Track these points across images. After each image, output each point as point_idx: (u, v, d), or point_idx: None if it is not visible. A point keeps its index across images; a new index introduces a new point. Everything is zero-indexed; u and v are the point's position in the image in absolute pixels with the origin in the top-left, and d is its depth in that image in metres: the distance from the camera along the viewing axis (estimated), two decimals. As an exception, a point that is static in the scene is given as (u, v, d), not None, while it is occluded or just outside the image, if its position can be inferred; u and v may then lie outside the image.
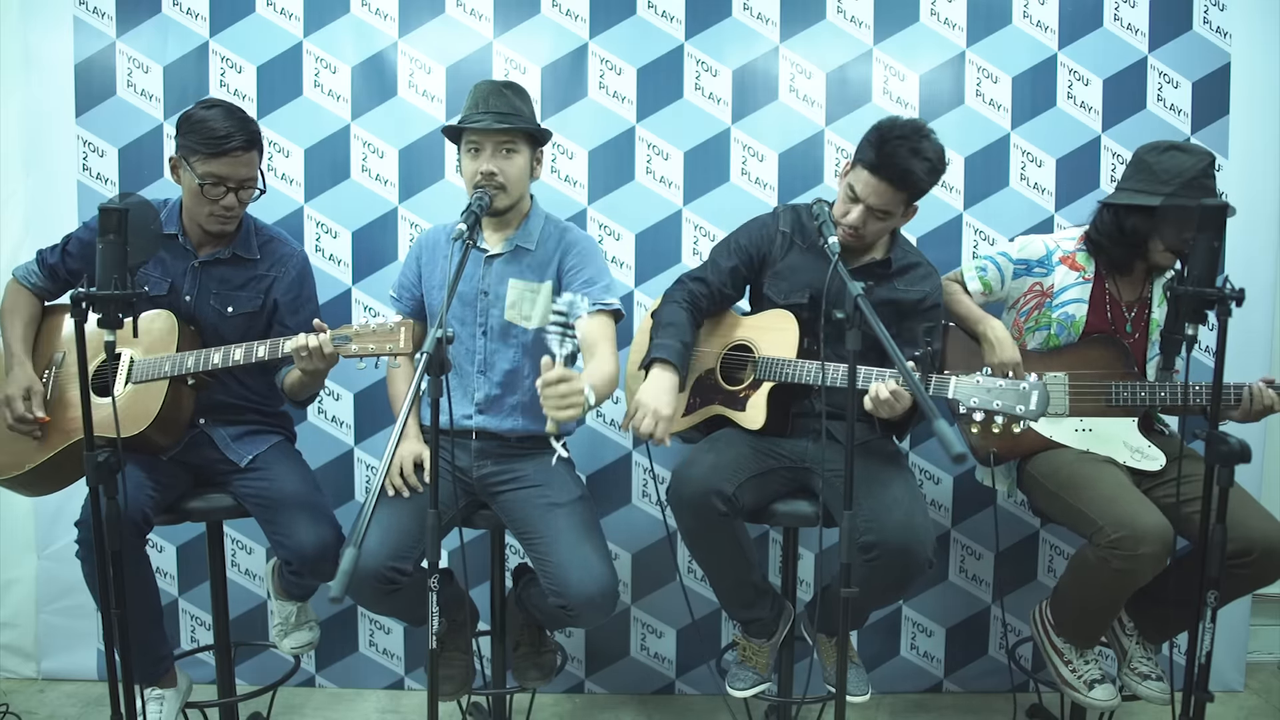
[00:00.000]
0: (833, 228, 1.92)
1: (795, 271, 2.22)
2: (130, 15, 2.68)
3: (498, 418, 2.20)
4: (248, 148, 2.05)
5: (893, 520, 1.94)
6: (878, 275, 2.16)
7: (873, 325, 1.61)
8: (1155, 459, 2.14)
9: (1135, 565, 1.90)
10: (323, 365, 1.96)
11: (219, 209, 2.08)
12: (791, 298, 2.20)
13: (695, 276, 2.28)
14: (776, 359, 2.13)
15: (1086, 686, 2.10)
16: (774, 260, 2.25)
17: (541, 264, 2.21)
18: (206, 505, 2.19)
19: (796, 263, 2.22)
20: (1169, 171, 2.08)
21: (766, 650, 2.25)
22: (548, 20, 2.71)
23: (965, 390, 1.77)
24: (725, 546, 2.07)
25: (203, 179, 2.03)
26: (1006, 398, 1.72)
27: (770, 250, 2.26)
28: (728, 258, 2.27)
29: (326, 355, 1.93)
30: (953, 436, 1.39)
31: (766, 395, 2.14)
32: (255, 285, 2.21)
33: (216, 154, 2.01)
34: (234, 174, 2.05)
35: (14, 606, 2.84)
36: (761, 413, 2.14)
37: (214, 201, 2.06)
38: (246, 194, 2.10)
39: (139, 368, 2.06)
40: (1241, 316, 1.82)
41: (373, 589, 1.99)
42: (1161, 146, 2.13)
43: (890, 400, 1.85)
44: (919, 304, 2.17)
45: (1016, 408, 1.70)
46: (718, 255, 2.29)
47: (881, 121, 2.05)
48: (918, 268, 2.22)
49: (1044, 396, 1.69)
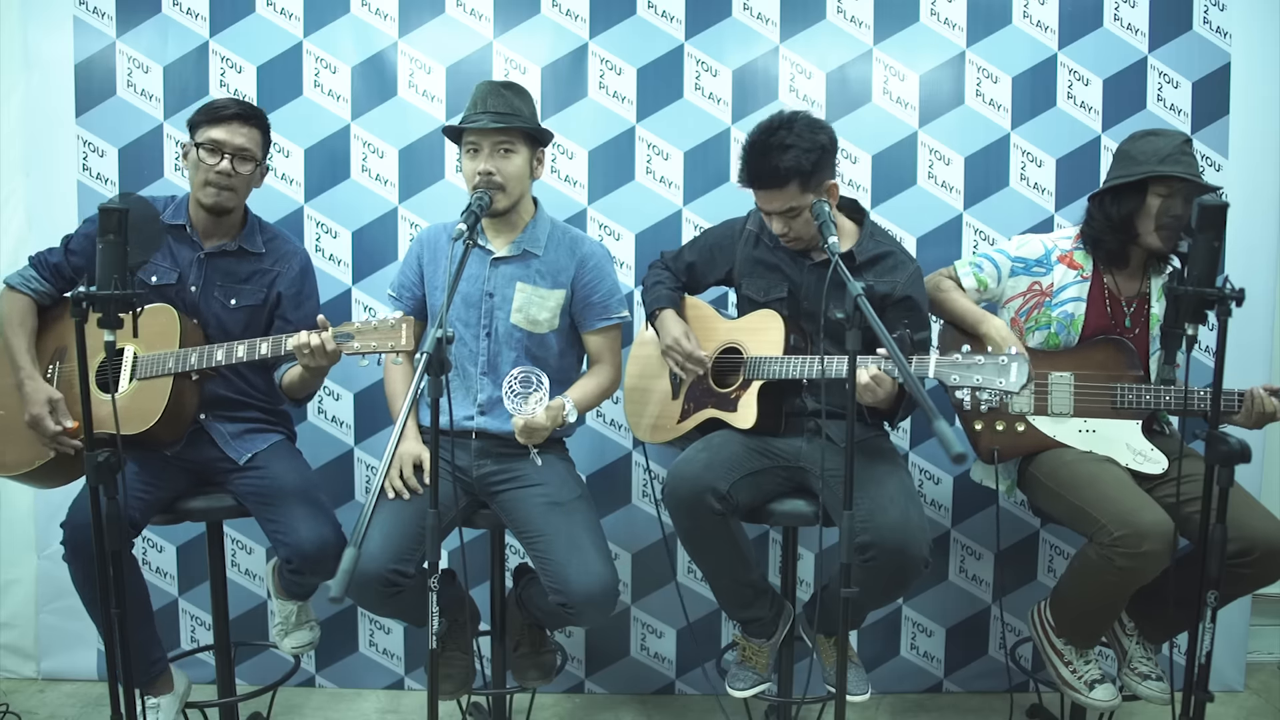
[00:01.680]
0: (832, 228, 1.91)
1: (769, 268, 2.23)
2: (130, 15, 2.68)
3: (500, 419, 2.20)
4: (244, 120, 2.15)
5: (888, 520, 1.94)
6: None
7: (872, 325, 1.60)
8: (1157, 462, 2.14)
9: (1138, 564, 1.90)
10: (325, 363, 1.98)
11: (214, 175, 2.12)
12: (771, 294, 2.22)
13: (664, 261, 2.43)
14: (764, 358, 2.14)
15: (1087, 687, 2.10)
16: (740, 257, 2.28)
17: (552, 271, 2.22)
18: (206, 505, 2.19)
19: (768, 259, 2.24)
20: (1144, 153, 2.13)
21: (766, 650, 2.25)
22: (548, 20, 2.71)
23: (945, 368, 1.76)
24: (721, 546, 2.07)
25: (200, 143, 2.12)
26: (986, 372, 1.70)
27: (734, 249, 2.29)
28: (691, 252, 2.39)
29: (329, 352, 1.95)
30: (953, 436, 1.38)
31: (756, 394, 2.15)
32: (259, 279, 2.23)
33: (214, 120, 2.13)
34: (230, 140, 2.13)
35: (14, 606, 2.84)
36: (752, 411, 2.15)
37: (210, 167, 2.12)
38: (241, 165, 2.15)
39: (143, 363, 2.07)
40: (1241, 316, 1.82)
41: (375, 592, 1.99)
42: (1138, 134, 2.20)
43: (871, 385, 1.85)
44: (886, 297, 2.12)
45: (997, 381, 1.69)
46: (685, 247, 2.41)
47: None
48: (887, 258, 2.17)
49: (1023, 369, 1.67)
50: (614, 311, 2.28)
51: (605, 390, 2.29)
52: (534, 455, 2.17)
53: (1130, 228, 2.16)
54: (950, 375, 1.75)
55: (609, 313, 2.28)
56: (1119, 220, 2.15)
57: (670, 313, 2.31)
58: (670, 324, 2.28)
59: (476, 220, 1.89)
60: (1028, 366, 1.69)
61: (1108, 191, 2.18)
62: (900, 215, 2.74)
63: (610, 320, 2.28)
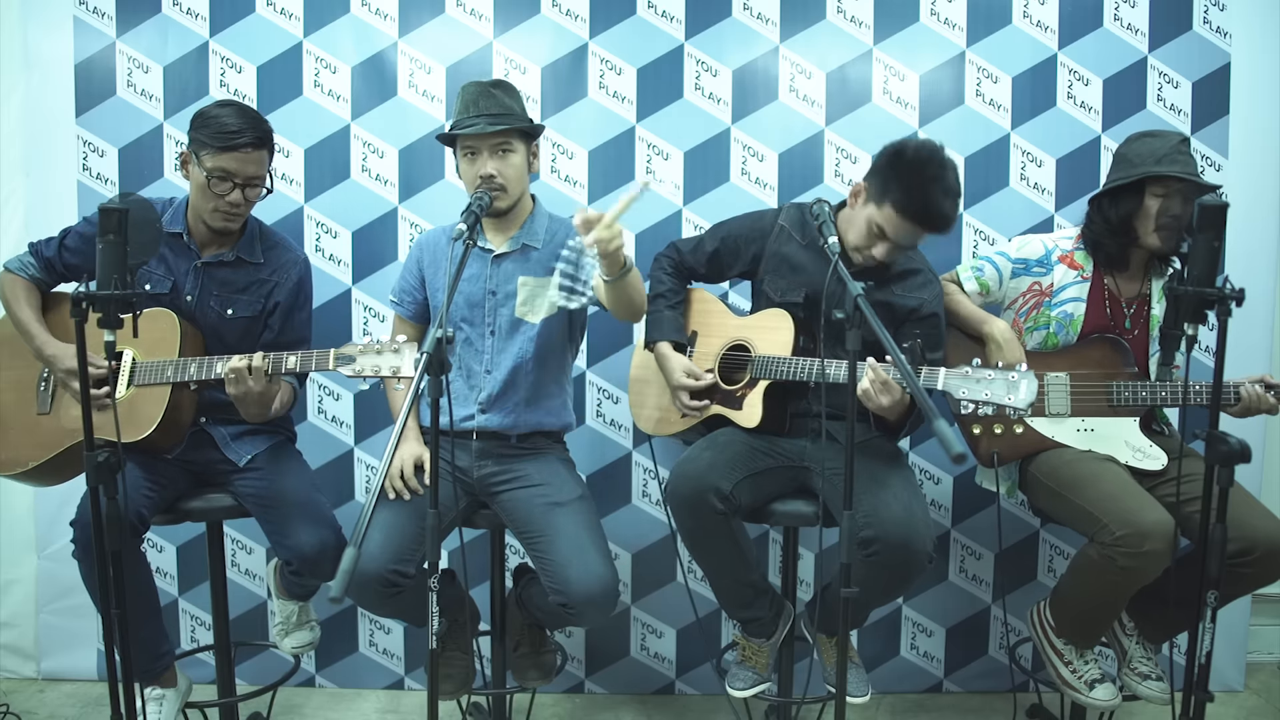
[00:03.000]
0: (832, 228, 1.91)
1: (794, 269, 2.22)
2: (130, 15, 2.68)
3: (500, 415, 2.20)
4: (257, 145, 2.06)
5: (891, 515, 1.94)
6: (876, 278, 2.15)
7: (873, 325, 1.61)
8: (1157, 459, 2.14)
9: (1140, 563, 1.90)
10: (252, 388, 1.94)
11: (224, 204, 2.08)
12: (788, 296, 2.21)
13: (679, 249, 2.37)
14: (772, 357, 2.13)
15: (1087, 687, 2.10)
16: (768, 252, 2.25)
17: (551, 260, 2.20)
18: (206, 505, 2.19)
19: (795, 259, 2.22)
20: (1140, 155, 2.13)
21: (766, 650, 2.25)
22: (548, 20, 2.71)
23: (954, 381, 1.76)
24: (723, 545, 2.07)
25: (211, 173, 2.04)
26: (995, 388, 1.71)
27: (763, 243, 2.26)
28: (713, 240, 2.33)
29: (254, 373, 1.92)
30: (953, 436, 1.39)
31: (762, 393, 2.15)
32: (257, 289, 2.21)
33: (226, 148, 2.02)
34: (242, 170, 2.05)
35: (14, 606, 2.84)
36: (758, 410, 2.14)
37: (220, 197, 2.06)
38: (253, 192, 2.10)
39: (141, 370, 2.06)
40: (1241, 316, 1.82)
41: (375, 592, 1.99)
42: (1134, 137, 2.20)
43: (870, 391, 1.84)
44: (914, 311, 2.16)
45: (1006, 398, 1.70)
46: (707, 235, 2.36)
47: (903, 153, 2.00)
48: (917, 275, 2.20)
49: (1032, 387, 1.68)
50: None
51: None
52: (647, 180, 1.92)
53: (1130, 230, 2.16)
54: (959, 389, 1.75)
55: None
56: (1118, 222, 2.15)
57: (666, 348, 2.26)
58: (672, 365, 2.23)
59: (476, 220, 1.88)
60: (1037, 384, 1.69)
61: (1105, 194, 2.18)
62: (900, 215, 2.74)
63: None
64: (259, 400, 1.99)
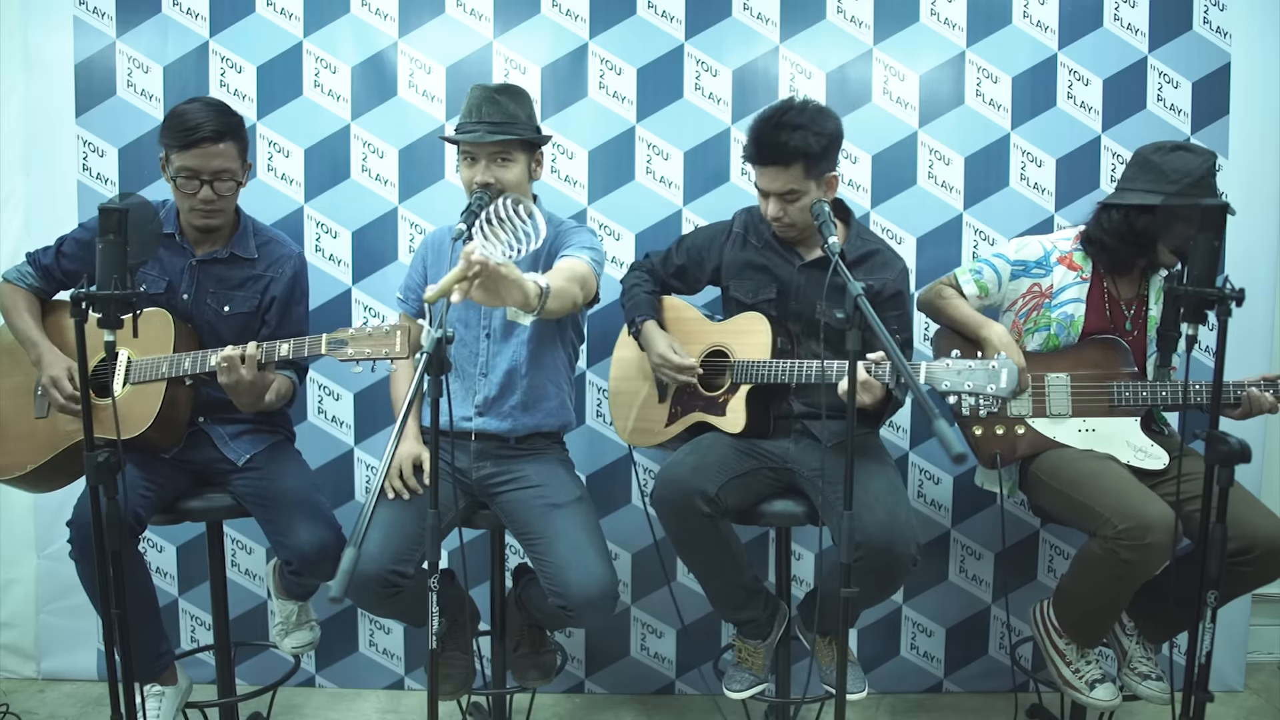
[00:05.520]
0: (832, 228, 1.91)
1: (757, 269, 2.23)
2: (130, 15, 2.68)
3: (497, 419, 2.20)
4: (217, 138, 2.02)
5: (874, 519, 1.94)
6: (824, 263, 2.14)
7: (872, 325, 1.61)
8: (1158, 458, 2.14)
9: (1143, 556, 1.90)
10: (244, 376, 1.94)
11: (197, 202, 2.07)
12: (760, 295, 2.21)
13: (652, 260, 2.41)
14: (752, 361, 2.14)
15: (1087, 686, 2.10)
16: (726, 260, 2.27)
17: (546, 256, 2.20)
18: (206, 505, 2.19)
19: (756, 260, 2.23)
20: (1178, 171, 2.08)
21: (762, 651, 2.25)
22: (548, 20, 2.71)
23: (936, 374, 1.77)
24: (711, 548, 2.07)
25: (176, 173, 2.04)
26: (977, 378, 1.72)
27: (721, 250, 2.29)
28: (679, 254, 2.37)
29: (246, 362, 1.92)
30: (953, 437, 1.38)
31: (745, 398, 2.15)
32: (252, 285, 2.21)
33: (186, 145, 2.01)
34: (206, 165, 2.03)
35: (14, 606, 2.84)
36: (741, 416, 2.15)
37: (190, 195, 2.06)
38: (223, 186, 2.08)
39: (136, 368, 2.06)
40: (1241, 316, 1.82)
41: (375, 593, 1.99)
42: (1167, 147, 2.13)
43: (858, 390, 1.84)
44: (879, 294, 2.12)
45: (988, 387, 1.70)
46: (672, 250, 2.39)
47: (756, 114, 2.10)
48: (875, 255, 2.19)
49: (1013, 373, 1.69)
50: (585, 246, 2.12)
51: (570, 267, 2.02)
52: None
53: (1150, 244, 2.13)
54: (942, 380, 1.76)
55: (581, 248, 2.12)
56: (1142, 234, 2.11)
57: (652, 324, 2.28)
58: (655, 338, 2.25)
59: (476, 220, 1.88)
60: (1018, 371, 1.70)
61: (1133, 205, 2.11)
62: (900, 215, 2.74)
63: (581, 250, 2.09)
64: (250, 390, 1.98)
